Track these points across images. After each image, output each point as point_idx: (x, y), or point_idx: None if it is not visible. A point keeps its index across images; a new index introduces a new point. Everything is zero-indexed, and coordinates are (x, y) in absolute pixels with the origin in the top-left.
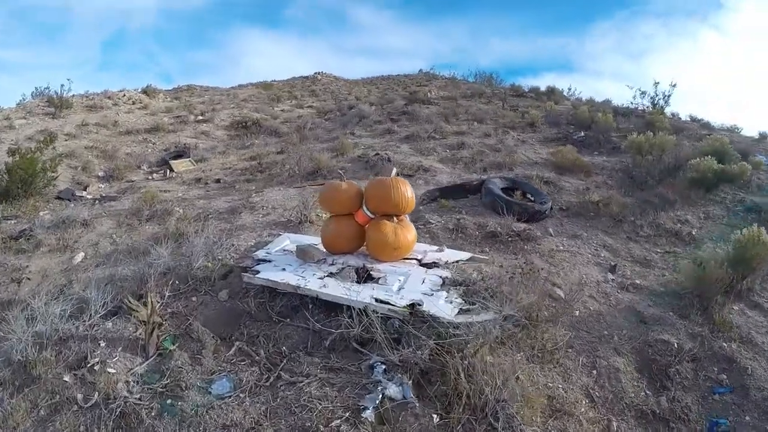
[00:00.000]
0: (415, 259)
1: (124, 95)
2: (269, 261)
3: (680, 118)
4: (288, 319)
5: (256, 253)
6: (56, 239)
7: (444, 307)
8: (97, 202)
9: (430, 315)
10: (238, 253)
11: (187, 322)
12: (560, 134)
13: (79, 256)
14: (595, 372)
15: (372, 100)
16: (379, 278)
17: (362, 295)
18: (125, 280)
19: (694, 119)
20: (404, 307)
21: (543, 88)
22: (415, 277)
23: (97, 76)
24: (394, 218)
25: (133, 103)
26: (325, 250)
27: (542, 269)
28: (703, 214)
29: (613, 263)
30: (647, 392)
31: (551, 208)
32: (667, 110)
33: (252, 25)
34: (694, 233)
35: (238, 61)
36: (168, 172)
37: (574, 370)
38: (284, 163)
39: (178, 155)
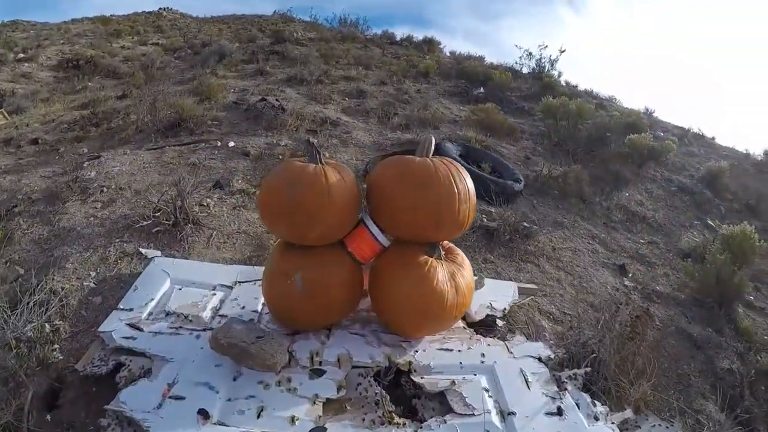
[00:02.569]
0: None
1: None
2: (144, 356)
3: (560, 82)
4: None
5: (108, 327)
6: None
7: None
8: None
9: None
10: (66, 316)
11: None
12: (458, 88)
13: None
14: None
15: (227, 39)
16: (443, 390)
17: None
18: None
19: (569, 85)
20: None
21: (417, 39)
22: (507, 376)
23: None
24: (440, 248)
25: None
26: (267, 312)
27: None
28: (646, 194)
29: (618, 263)
30: None
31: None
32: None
33: None
34: (657, 218)
35: None
36: None
37: None
38: (129, 111)
39: None
